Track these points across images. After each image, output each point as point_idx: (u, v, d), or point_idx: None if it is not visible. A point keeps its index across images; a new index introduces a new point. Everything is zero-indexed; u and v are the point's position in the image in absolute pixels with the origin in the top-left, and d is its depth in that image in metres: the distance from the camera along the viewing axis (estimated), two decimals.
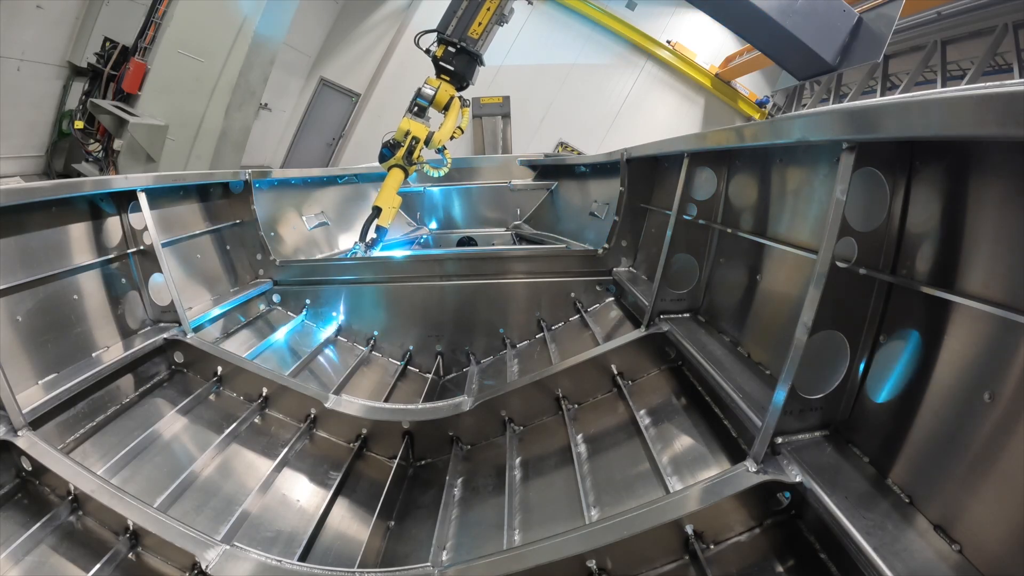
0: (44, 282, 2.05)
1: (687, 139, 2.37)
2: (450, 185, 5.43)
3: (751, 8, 4.72)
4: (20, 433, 1.70)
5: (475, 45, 3.97)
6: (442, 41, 4.00)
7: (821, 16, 4.89)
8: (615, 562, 1.42)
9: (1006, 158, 1.09)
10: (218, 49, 6.89)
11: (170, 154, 6.81)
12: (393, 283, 3.41)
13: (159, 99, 6.77)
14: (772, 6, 4.72)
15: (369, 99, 11.93)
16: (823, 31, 4.93)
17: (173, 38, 6.65)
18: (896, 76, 9.12)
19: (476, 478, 2.22)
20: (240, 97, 7.27)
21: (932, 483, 1.15)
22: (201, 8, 6.70)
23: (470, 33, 3.93)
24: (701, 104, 12.50)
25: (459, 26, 3.93)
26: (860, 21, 4.99)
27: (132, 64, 6.69)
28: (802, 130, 1.46)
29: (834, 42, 4.99)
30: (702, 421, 1.93)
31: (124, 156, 6.44)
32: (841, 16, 4.96)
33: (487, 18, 3.93)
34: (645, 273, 3.12)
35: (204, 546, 1.52)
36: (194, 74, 6.87)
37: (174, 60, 6.72)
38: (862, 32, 4.98)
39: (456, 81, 4.06)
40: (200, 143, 7.12)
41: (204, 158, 7.22)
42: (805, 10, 4.80)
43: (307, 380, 2.79)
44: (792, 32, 4.81)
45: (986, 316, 1.09)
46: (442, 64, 4.02)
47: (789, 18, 4.77)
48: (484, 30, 3.96)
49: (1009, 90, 0.80)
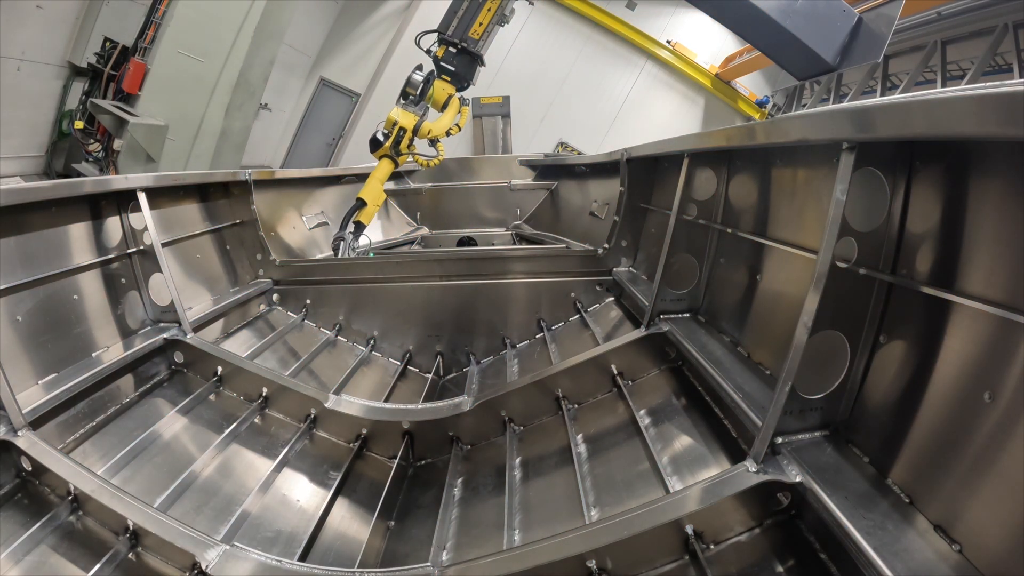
0: (44, 282, 2.05)
1: (687, 139, 2.37)
2: (450, 185, 5.43)
3: (751, 8, 4.73)
4: (20, 433, 1.70)
5: (476, 45, 3.99)
6: (443, 42, 4.03)
7: (821, 16, 4.89)
8: (615, 562, 1.42)
9: (1006, 158, 1.09)
10: (218, 49, 6.92)
11: (170, 154, 6.83)
12: (393, 283, 3.41)
13: (159, 99, 6.78)
14: (772, 6, 4.73)
15: (369, 99, 11.93)
16: (823, 31, 4.93)
17: (173, 38, 6.67)
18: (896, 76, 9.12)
19: (476, 478, 2.22)
20: (240, 97, 7.29)
21: (932, 483, 1.15)
22: (201, 8, 6.73)
23: (471, 33, 3.96)
24: (701, 104, 12.50)
25: (460, 26, 3.95)
26: (860, 21, 4.99)
27: (132, 64, 6.71)
28: (802, 130, 1.46)
29: (834, 42, 4.99)
30: (702, 421, 1.93)
31: (124, 156, 6.45)
32: (841, 16, 4.95)
33: (488, 18, 3.96)
34: (645, 273, 3.12)
35: (204, 546, 1.52)
36: (194, 74, 6.89)
37: (174, 60, 6.74)
38: (862, 32, 4.98)
39: (457, 81, 4.09)
40: (200, 143, 7.14)
41: (204, 158, 7.24)
42: (805, 10, 4.80)
43: (307, 380, 2.78)
44: (792, 32, 4.81)
45: (986, 316, 1.09)
46: (443, 64, 4.04)
47: (789, 18, 4.78)
48: (485, 30, 3.99)
49: (1009, 90, 0.80)
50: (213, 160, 7.29)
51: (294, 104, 12.04)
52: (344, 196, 4.72)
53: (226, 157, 7.51)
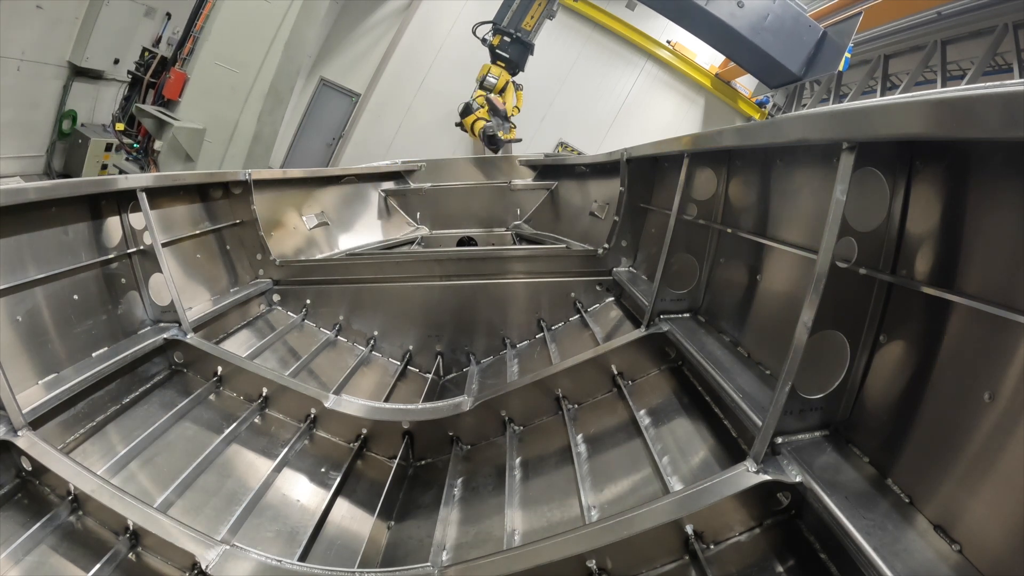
0: (44, 282, 2.05)
1: (687, 139, 2.37)
2: (450, 185, 5.43)
3: (725, 27, 5.23)
4: (20, 433, 1.70)
5: (528, 35, 4.66)
6: (498, 31, 4.64)
7: (788, 32, 5.41)
8: (615, 562, 1.42)
9: (1006, 158, 1.09)
10: (252, 61, 7.62)
11: (207, 155, 7.52)
12: (393, 283, 3.41)
13: (198, 105, 7.48)
14: (744, 25, 5.25)
15: (369, 99, 11.93)
16: (790, 46, 5.45)
17: (211, 50, 7.40)
18: (896, 76, 9.11)
19: (476, 478, 2.22)
20: (271, 104, 8.01)
21: (932, 483, 1.15)
22: (237, 24, 7.43)
23: (524, 25, 4.60)
24: (701, 104, 12.49)
25: (514, 18, 4.61)
26: (825, 35, 5.52)
27: (173, 73, 7.52)
28: (802, 130, 1.46)
29: (800, 55, 5.52)
30: (702, 421, 1.93)
31: (165, 155, 7.15)
32: (807, 31, 5.48)
33: (538, 12, 4.61)
34: (645, 273, 3.12)
35: (204, 546, 1.52)
36: (230, 83, 7.60)
37: (212, 70, 7.48)
38: (826, 45, 5.51)
39: (510, 67, 4.72)
40: (234, 145, 7.85)
41: (238, 159, 7.88)
42: (773, 27, 5.34)
43: (307, 380, 2.78)
44: (762, 48, 5.33)
45: (986, 316, 1.08)
46: (499, 52, 4.65)
47: (759, 35, 5.31)
48: (536, 22, 4.64)
49: (1009, 90, 0.80)
50: (246, 161, 7.95)
51: (294, 104, 12.01)
52: (344, 196, 4.72)
53: (258, 158, 8.18)
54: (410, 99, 11.87)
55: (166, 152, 7.14)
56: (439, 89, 11.33)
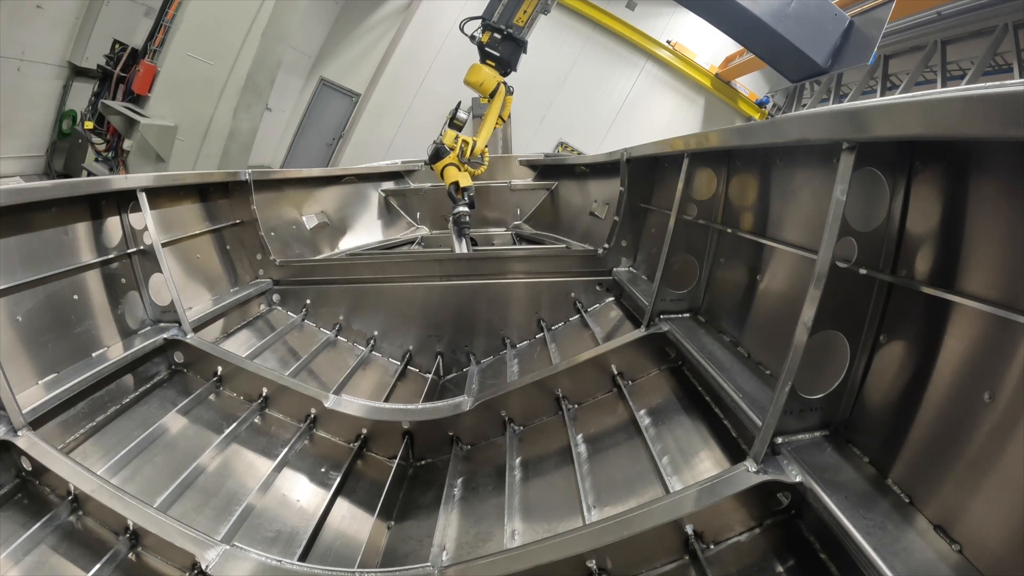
0: (44, 282, 2.05)
1: (687, 139, 2.37)
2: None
3: (744, 12, 4.82)
4: (20, 433, 1.70)
5: (520, 32, 4.09)
6: (488, 28, 4.09)
7: (813, 20, 4.99)
8: (615, 562, 1.42)
9: (1006, 158, 1.09)
10: (227, 52, 7.01)
11: (180, 154, 6.93)
12: (393, 283, 3.41)
13: (169, 100, 6.85)
14: (765, 11, 4.82)
15: (369, 99, 11.94)
16: (815, 35, 5.03)
17: (183, 41, 6.76)
18: (896, 76, 9.12)
19: (476, 478, 2.22)
20: (248, 99, 7.41)
21: (932, 483, 1.15)
22: (210, 12, 6.82)
23: (515, 20, 4.04)
24: (701, 104, 12.50)
25: (505, 13, 4.04)
26: (852, 25, 5.10)
27: (142, 66, 6.78)
28: (802, 130, 1.46)
29: (825, 45, 5.10)
30: (702, 421, 1.93)
31: (134, 156, 6.54)
32: (833, 20, 5.07)
33: (532, 6, 4.04)
34: (645, 273, 3.12)
35: (204, 546, 1.52)
36: (203, 76, 6.98)
37: (184, 63, 6.83)
38: (853, 35, 5.09)
39: (501, 67, 4.17)
40: (209, 144, 7.25)
41: (213, 158, 7.33)
42: (797, 14, 4.91)
43: (307, 380, 2.78)
44: (785, 36, 4.91)
45: (986, 316, 1.09)
46: (488, 50, 4.11)
47: (782, 22, 4.88)
48: (529, 17, 4.08)
49: (1009, 90, 0.80)
50: (221, 160, 7.39)
51: (294, 104, 12.05)
52: (344, 196, 4.73)
53: (234, 157, 7.60)
54: (410, 99, 11.88)
55: (135, 152, 6.54)
56: (439, 89, 11.33)
